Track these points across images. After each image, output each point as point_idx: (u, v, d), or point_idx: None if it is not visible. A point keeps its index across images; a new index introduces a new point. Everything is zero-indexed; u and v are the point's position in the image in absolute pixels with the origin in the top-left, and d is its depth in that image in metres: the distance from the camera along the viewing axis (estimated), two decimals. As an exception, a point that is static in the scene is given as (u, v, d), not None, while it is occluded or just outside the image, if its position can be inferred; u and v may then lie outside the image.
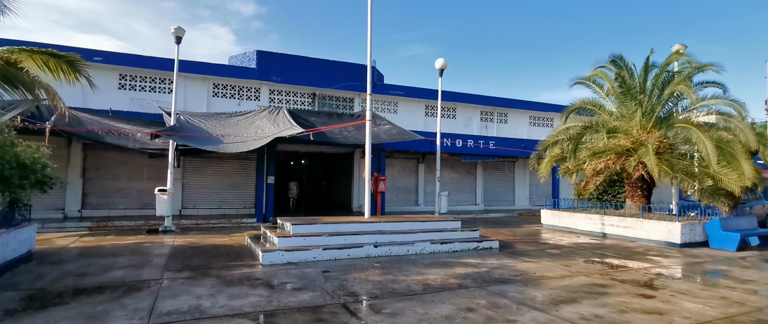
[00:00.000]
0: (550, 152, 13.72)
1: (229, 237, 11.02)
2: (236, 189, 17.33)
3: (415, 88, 20.78)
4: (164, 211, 11.79)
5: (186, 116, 14.23)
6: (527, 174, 23.43)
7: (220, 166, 17.17)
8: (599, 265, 7.99)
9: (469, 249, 9.51)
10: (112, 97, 15.71)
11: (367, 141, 10.47)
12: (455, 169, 21.31)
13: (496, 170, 22.70)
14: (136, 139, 12.36)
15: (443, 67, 16.46)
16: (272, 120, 14.62)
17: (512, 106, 23.13)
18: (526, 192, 23.38)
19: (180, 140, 11.93)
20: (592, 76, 13.17)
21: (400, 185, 20.27)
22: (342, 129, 15.34)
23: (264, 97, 18.04)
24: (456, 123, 21.73)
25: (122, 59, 15.68)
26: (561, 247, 10.05)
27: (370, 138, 10.53)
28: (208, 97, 17.22)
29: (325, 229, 8.88)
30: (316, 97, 18.96)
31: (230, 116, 14.99)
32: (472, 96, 22.08)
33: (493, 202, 22.42)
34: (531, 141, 21.01)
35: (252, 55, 17.79)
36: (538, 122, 24.35)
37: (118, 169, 15.62)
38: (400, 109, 20.63)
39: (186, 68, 16.51)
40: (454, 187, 20.92)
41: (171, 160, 12.23)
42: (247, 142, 12.71)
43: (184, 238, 10.71)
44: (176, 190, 16.36)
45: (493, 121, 23.05)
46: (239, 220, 15.13)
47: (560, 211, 13.31)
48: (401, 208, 19.88)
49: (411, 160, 20.57)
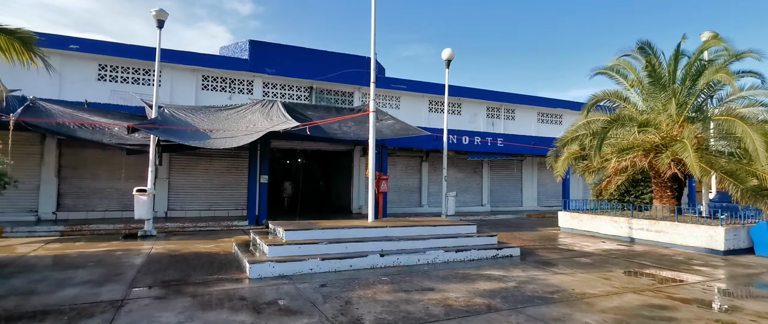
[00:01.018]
0: (567, 149, 12.58)
1: (215, 243, 9.82)
2: (227, 189, 16.12)
3: (418, 82, 19.62)
4: (144, 213, 10.58)
5: (171, 109, 13.00)
6: (535, 173, 22.31)
7: (210, 164, 15.96)
8: (645, 279, 6.84)
9: (488, 257, 8.35)
10: (91, 89, 14.47)
11: (370, 134, 9.31)
12: (460, 168, 20.16)
13: (504, 169, 21.57)
14: (113, 134, 11.14)
15: (450, 58, 15.30)
16: (265, 114, 13.41)
17: (520, 101, 22.00)
18: (535, 192, 22.25)
19: (161, 135, 10.71)
20: (615, 66, 12.05)
21: (403, 185, 19.10)
22: (341, 124, 14.15)
23: (257, 91, 16.83)
24: (461, 119, 20.59)
25: (101, 48, 14.44)
26: (590, 255, 8.90)
27: (374, 131, 9.36)
28: (197, 90, 16.00)
29: (324, 236, 7.70)
30: (313, 90, 17.77)
31: (220, 110, 13.77)
32: (477, 91, 20.95)
33: (500, 202, 21.29)
34: (541, 139, 19.92)
35: (244, 46, 16.58)
36: (547, 119, 23.23)
37: (98, 168, 14.38)
38: (402, 105, 19.46)
39: (172, 58, 15.30)
40: (459, 187, 19.78)
41: (152, 157, 11.02)
42: (236, 137, 11.52)
43: (164, 245, 9.50)
44: (161, 190, 15.16)
45: (500, 117, 21.91)
46: (230, 223, 13.93)
47: (581, 213, 12.18)
48: (404, 209, 18.71)
49: (414, 158, 19.40)
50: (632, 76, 11.87)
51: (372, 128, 9.31)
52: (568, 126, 24.19)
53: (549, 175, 23.23)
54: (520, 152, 19.64)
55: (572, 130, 12.16)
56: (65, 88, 14.12)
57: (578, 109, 23.83)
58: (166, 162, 15.26)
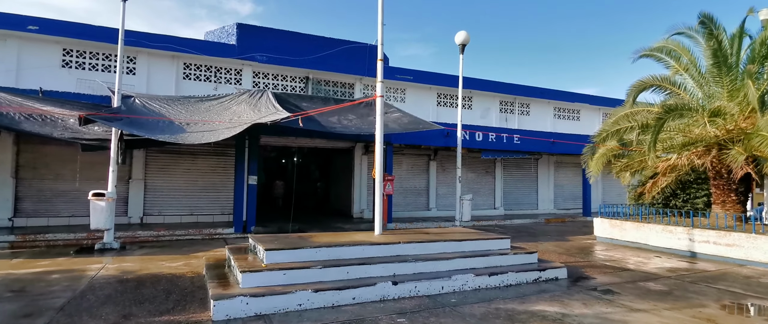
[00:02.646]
0: (603, 145, 10.75)
1: (185, 260, 7.97)
2: (213, 192, 14.27)
3: (426, 73, 17.77)
4: (102, 222, 8.72)
5: (143, 99, 11.15)
6: (552, 173, 20.48)
7: (193, 163, 14.11)
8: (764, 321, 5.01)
9: (528, 281, 6.51)
10: (54, 77, 12.61)
11: (377, 125, 7.47)
12: (472, 167, 18.32)
13: (518, 169, 19.73)
14: (68, 127, 9.29)
15: (465, 42, 13.45)
16: (253, 105, 11.57)
17: (535, 95, 20.16)
18: (551, 194, 20.42)
19: (124, 127, 8.86)
20: (663, 47, 10.21)
21: (409, 186, 17.25)
22: (340, 117, 12.31)
23: (247, 81, 14.98)
24: (472, 114, 18.74)
25: (65, 29, 12.56)
26: (656, 277, 7.06)
27: (381, 121, 7.52)
28: (178, 80, 14.14)
29: (317, 256, 5.85)
30: (309, 81, 15.92)
31: (201, 100, 11.93)
32: (490, 83, 19.10)
33: (514, 205, 19.46)
34: (560, 135, 18.09)
35: (231, 30, 14.72)
36: (564, 115, 21.39)
37: (62, 168, 12.53)
38: (408, 98, 17.61)
39: (149, 42, 13.44)
40: (469, 188, 17.95)
41: (113, 155, 9.17)
42: (216, 131, 9.68)
43: (120, 263, 7.65)
44: (136, 193, 13.32)
45: (514, 112, 20.06)
46: (213, 231, 12.09)
47: (622, 220, 10.33)
48: (410, 213, 16.87)
49: (421, 156, 17.56)
50: (685, 59, 10.04)
51: (379, 118, 7.48)
52: (586, 122, 22.48)
53: (566, 176, 21.43)
54: (538, 150, 17.81)
55: (611, 123, 10.31)
56: (24, 76, 12.26)
57: (599, 104, 22.08)
58: (141, 161, 13.42)
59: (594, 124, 21.89)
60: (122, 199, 13.25)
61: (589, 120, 21.86)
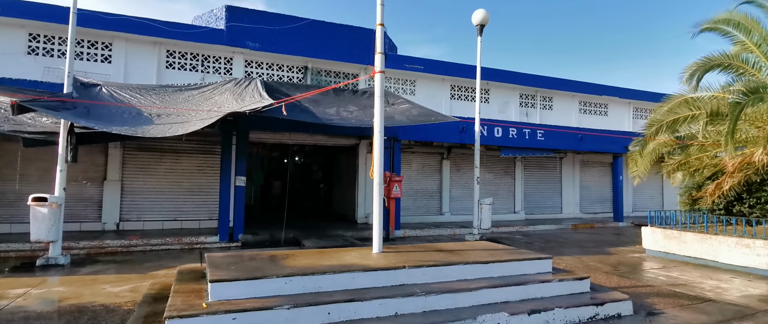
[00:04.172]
0: (654, 139, 8.90)
1: (139, 281, 6.35)
2: (199, 194, 12.71)
3: (438, 62, 16.02)
4: (44, 232, 7.16)
5: (112, 88, 9.64)
6: (577, 173, 18.56)
7: (177, 162, 12.57)
8: None
9: (582, 321, 4.75)
10: (18, 65, 11.16)
11: (376, 111, 5.78)
12: (490, 167, 16.51)
13: (540, 169, 17.87)
14: (9, 118, 7.77)
15: (484, 23, 11.71)
16: (238, 94, 9.97)
17: (559, 87, 18.24)
18: (576, 196, 18.50)
19: (71, 118, 7.29)
20: (730, 19, 8.33)
21: (420, 188, 15.52)
22: (340, 108, 10.64)
23: (238, 70, 13.40)
24: (490, 108, 16.93)
25: (30, 11, 11.10)
26: (752, 313, 5.23)
27: (381, 106, 5.83)
28: (160, 69, 12.61)
29: (288, 289, 4.17)
30: (308, 71, 14.29)
31: (180, 90, 10.37)
32: (509, 74, 17.27)
33: (536, 209, 17.59)
34: (588, 131, 16.19)
35: (220, 13, 13.15)
36: (590, 109, 19.43)
37: (28, 167, 11.09)
38: (418, 90, 15.89)
39: (126, 27, 11.95)
40: (487, 190, 16.15)
41: (61, 152, 7.61)
42: (187, 123, 8.08)
43: (53, 286, 6.07)
44: (112, 195, 11.83)
45: (536, 106, 18.19)
46: (194, 239, 10.54)
47: (681, 230, 8.45)
48: (421, 218, 15.14)
49: (433, 155, 15.82)
50: (756, 36, 8.16)
51: (378, 100, 5.78)
52: (614, 117, 20.43)
53: (592, 176, 19.44)
54: (563, 147, 15.96)
55: (666, 111, 8.43)
56: (-17, 64, 10.85)
57: (629, 97, 19.94)
58: (117, 160, 11.92)
59: (623, 119, 19.91)
60: (95, 202, 11.81)
61: (618, 115, 19.87)
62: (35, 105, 6.86)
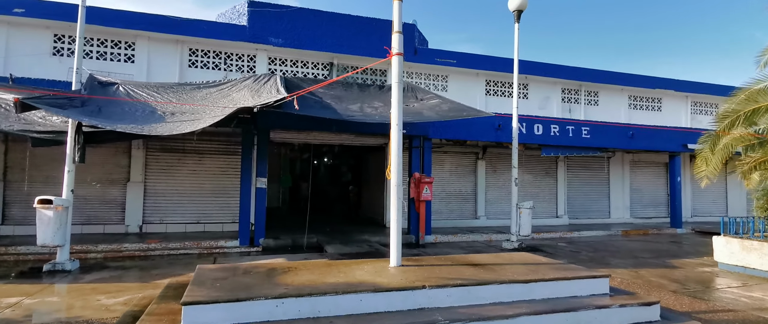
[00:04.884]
0: (726, 135, 7.58)
1: (137, 292, 5.82)
2: (222, 196, 12.32)
3: (472, 56, 15.00)
4: (49, 236, 6.83)
5: (129, 87, 9.32)
6: (627, 174, 16.97)
7: (200, 163, 12.24)
8: None
9: (652, 360, 3.73)
10: (44, 66, 11.13)
11: (394, 101, 4.98)
12: (530, 167, 15.30)
13: (585, 169, 16.44)
14: (21, 117, 7.53)
15: (521, 8, 10.65)
16: (256, 90, 9.43)
17: (606, 80, 16.72)
18: (626, 199, 16.92)
19: (75, 116, 6.91)
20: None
21: (452, 190, 14.54)
22: (364, 104, 9.89)
23: (261, 67, 12.95)
24: (528, 104, 15.72)
25: (54, 11, 11.05)
26: None
27: (399, 93, 5.02)
28: (182, 68, 12.33)
29: (280, 314, 3.41)
30: (334, 67, 13.66)
31: (198, 88, 9.96)
32: (550, 67, 15.97)
33: (581, 213, 16.18)
34: (640, 128, 14.68)
35: (242, 9, 12.73)
36: (641, 104, 17.74)
37: (54, 170, 11.02)
38: (451, 85, 14.92)
39: (148, 25, 11.73)
40: (526, 192, 14.96)
41: (69, 151, 7.28)
42: (198, 121, 7.57)
43: (48, 295, 5.64)
44: (135, 197, 11.62)
45: (579, 101, 16.76)
46: (214, 243, 10.11)
47: (765, 241, 7.11)
48: (454, 222, 14.15)
49: (467, 155, 14.81)
50: None
51: (396, 88, 4.97)
52: (670, 113, 18.49)
53: (645, 177, 17.72)
54: (611, 146, 14.52)
55: (742, 100, 7.11)
56: (12, 65, 10.86)
57: (687, 90, 17.79)
58: (140, 161, 11.72)
59: (679, 114, 18.08)
60: (119, 204, 11.64)
61: (674, 110, 18.05)
62: (39, 102, 6.52)
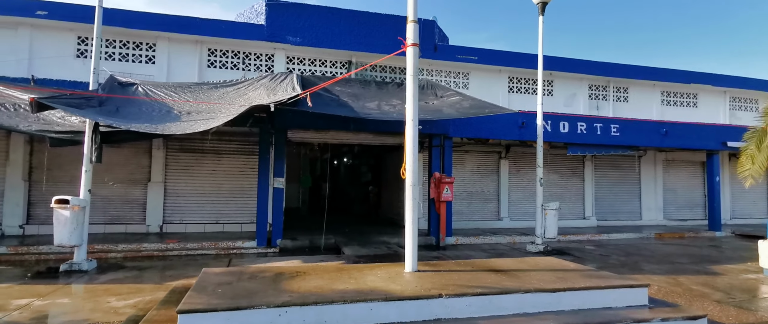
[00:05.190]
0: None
1: (149, 294, 5.70)
2: (241, 196, 12.27)
3: (494, 52, 14.54)
4: (66, 236, 6.82)
5: (148, 87, 9.35)
6: (660, 173, 16.17)
7: (219, 164, 12.23)
8: None
9: (698, 381, 3.31)
10: (68, 69, 11.28)
11: (408, 95, 4.69)
12: (555, 166, 14.72)
13: (614, 169, 15.73)
14: (41, 117, 7.58)
15: (546, 0, 10.18)
16: (271, 89, 9.30)
17: (637, 75, 15.95)
18: (659, 200, 16.11)
19: (91, 114, 6.90)
20: None
21: (474, 191, 14.12)
22: (381, 102, 9.64)
23: (279, 67, 12.83)
24: (553, 101, 15.12)
25: (79, 14, 11.19)
26: None
27: (414, 86, 4.73)
28: (201, 68, 12.33)
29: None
30: (352, 65, 13.44)
31: (215, 87, 9.91)
32: (576, 62, 15.32)
33: (609, 214, 15.48)
34: (675, 124, 13.91)
35: (260, 8, 12.65)
36: (675, 100, 16.87)
37: (78, 170, 11.15)
38: (472, 83, 14.48)
39: (168, 26, 11.78)
40: (552, 192, 14.40)
41: (87, 152, 7.29)
42: (211, 120, 7.45)
43: (59, 296, 5.59)
44: (156, 197, 11.69)
45: (608, 98, 16.03)
46: (231, 244, 10.04)
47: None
48: (476, 223, 13.73)
49: (490, 154, 14.36)
50: None
51: (412, 81, 4.69)
52: (706, 109, 17.34)
53: (679, 177, 16.81)
54: (642, 144, 13.81)
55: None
56: (37, 67, 11.05)
57: (725, 84, 16.58)
58: (160, 161, 11.78)
59: (717, 111, 17.09)
60: (140, 204, 11.73)
61: (710, 106, 17.07)
62: (55, 102, 6.52)
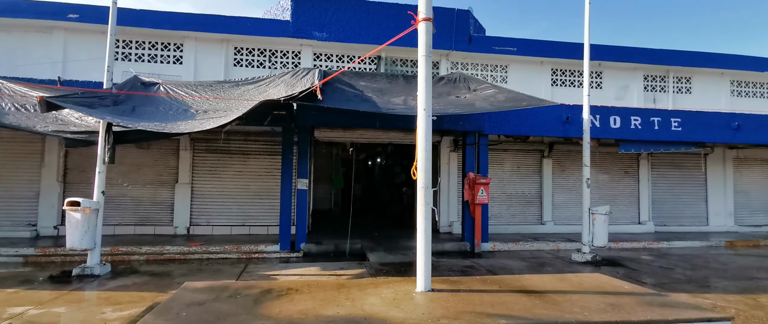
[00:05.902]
0: None
1: (149, 302, 5.32)
2: (267, 198, 11.94)
3: (535, 42, 13.42)
4: (77, 239, 6.61)
5: (169, 86, 9.13)
6: (730, 173, 14.37)
7: (245, 165, 11.97)
8: None
9: None
10: (99, 70, 11.31)
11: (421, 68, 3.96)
12: (605, 166, 13.39)
13: (674, 168, 14.12)
14: (57, 118, 7.48)
15: (593, -22, 9.06)
16: (291, 85, 8.80)
17: (701, 63, 14.26)
18: (729, 204, 14.30)
19: (102, 114, 6.66)
20: None
21: (514, 192, 13.07)
22: (408, 97, 8.90)
23: (306, 63, 12.42)
24: (603, 94, 13.78)
25: (107, 16, 11.24)
26: None
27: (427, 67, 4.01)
28: (227, 67, 12.13)
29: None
30: (382, 60, 12.81)
31: (237, 85, 9.56)
32: (629, 50, 13.90)
33: (669, 219, 13.89)
34: (747, 117, 12.21)
35: (286, 4, 12.27)
36: (747, 90, 14.98)
37: (111, 171, 11.21)
38: (511, 75, 13.44)
39: (195, 25, 11.66)
40: (601, 194, 13.11)
41: (100, 152, 7.09)
42: (222, 118, 7.04)
43: (54, 305, 5.30)
44: (183, 198, 11.57)
45: (667, 89, 14.44)
46: (253, 248, 9.69)
47: None
48: (516, 228, 12.70)
49: (531, 152, 13.25)
50: None
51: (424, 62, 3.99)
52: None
53: (752, 177, 14.75)
54: (708, 140, 12.21)
55: None
56: (70, 69, 11.28)
57: None
58: (187, 162, 11.65)
59: (798, 101, 15.04)
60: (168, 205, 11.65)
61: (793, 94, 15.05)
62: (65, 101, 6.32)
